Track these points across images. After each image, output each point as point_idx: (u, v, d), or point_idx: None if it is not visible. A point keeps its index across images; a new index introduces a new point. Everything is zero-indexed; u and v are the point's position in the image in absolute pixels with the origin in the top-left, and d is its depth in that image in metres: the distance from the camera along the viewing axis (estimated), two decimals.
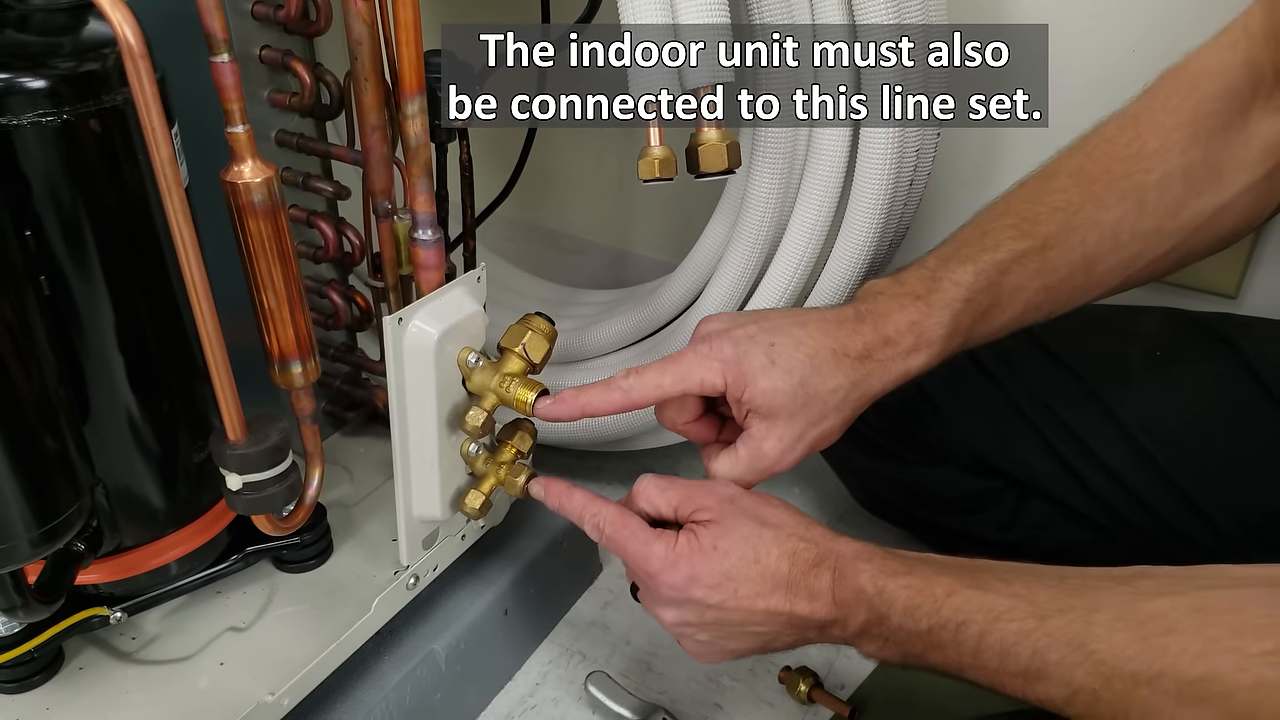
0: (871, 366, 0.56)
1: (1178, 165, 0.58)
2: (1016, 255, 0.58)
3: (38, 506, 0.49)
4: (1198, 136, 0.58)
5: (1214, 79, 0.58)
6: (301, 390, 0.57)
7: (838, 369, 0.56)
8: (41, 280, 0.49)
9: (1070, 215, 0.58)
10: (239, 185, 0.49)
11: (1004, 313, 0.59)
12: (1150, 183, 0.58)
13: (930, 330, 0.56)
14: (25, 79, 0.46)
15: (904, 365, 0.57)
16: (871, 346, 0.56)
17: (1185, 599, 0.42)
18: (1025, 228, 0.58)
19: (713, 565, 0.52)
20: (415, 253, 0.58)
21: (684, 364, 0.56)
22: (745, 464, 0.56)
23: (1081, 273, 0.59)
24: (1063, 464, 0.69)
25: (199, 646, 0.62)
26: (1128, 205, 0.58)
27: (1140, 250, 0.59)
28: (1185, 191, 0.58)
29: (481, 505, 0.63)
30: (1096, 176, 0.59)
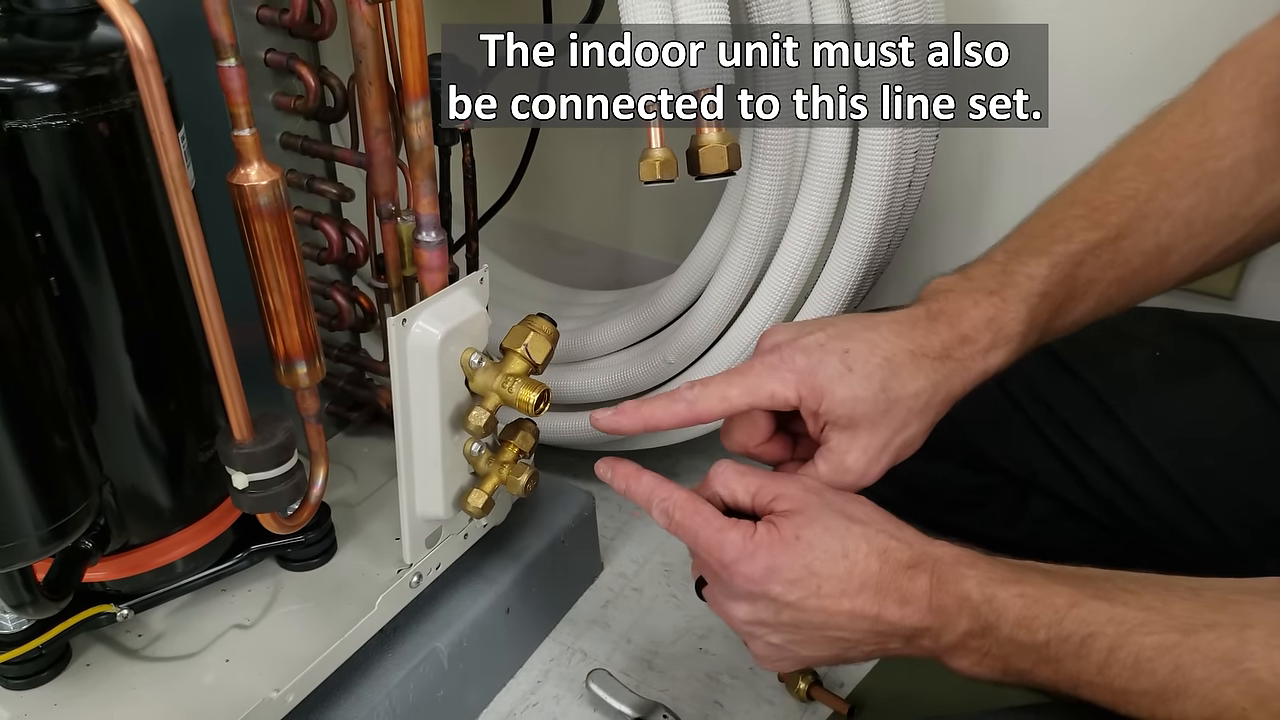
0: (952, 366, 0.54)
1: (1250, 151, 0.56)
2: (1090, 246, 0.56)
3: (47, 505, 0.49)
4: (1269, 120, 0.56)
5: (1278, 59, 0.57)
6: (306, 390, 0.57)
7: (918, 371, 0.53)
8: (51, 281, 0.49)
9: (1142, 204, 0.56)
10: (245, 188, 0.50)
11: (1079, 306, 0.57)
12: (1223, 169, 0.56)
13: (1008, 326, 0.54)
14: (35, 83, 0.47)
15: (984, 363, 0.54)
16: (949, 346, 0.54)
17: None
18: (1096, 218, 0.57)
19: (795, 558, 0.48)
20: (419, 254, 0.59)
21: (752, 375, 0.53)
22: (826, 480, 0.53)
23: (1156, 263, 0.57)
24: (1063, 462, 0.70)
25: (205, 643, 0.62)
26: (1201, 193, 0.56)
27: (1213, 239, 0.58)
28: (1259, 178, 0.56)
29: (484, 504, 0.63)
30: (1166, 164, 0.57)
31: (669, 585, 0.84)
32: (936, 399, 0.54)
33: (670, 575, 0.85)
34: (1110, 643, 0.43)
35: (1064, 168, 0.75)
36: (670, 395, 0.54)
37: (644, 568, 0.86)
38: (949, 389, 0.54)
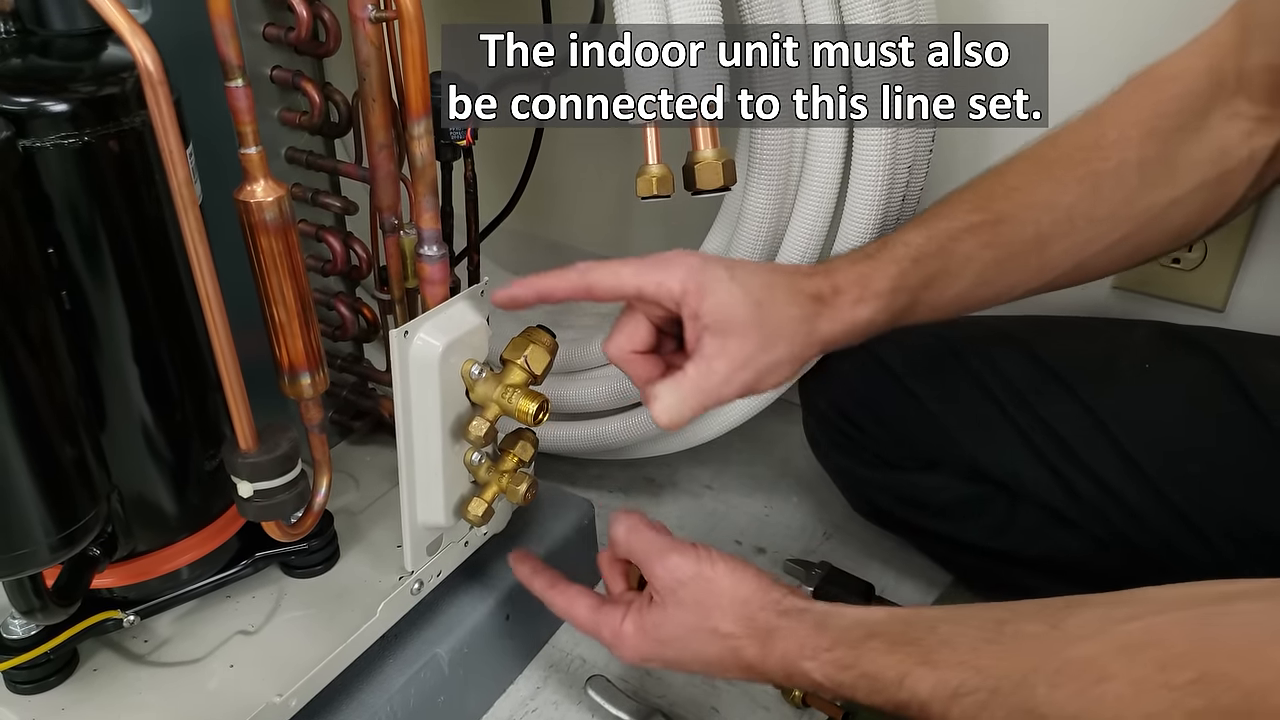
0: (822, 308, 0.57)
1: (1134, 157, 0.59)
2: (969, 225, 0.59)
3: (57, 513, 0.50)
4: (1155, 132, 0.60)
5: (1177, 81, 0.60)
6: (310, 401, 0.58)
7: (793, 300, 0.56)
8: (63, 296, 0.50)
9: (1026, 194, 0.60)
10: (251, 204, 0.51)
11: (955, 281, 0.60)
12: (1106, 170, 0.60)
13: (876, 282, 0.58)
14: (48, 102, 0.48)
15: (851, 314, 0.57)
16: (823, 291, 0.57)
17: (1110, 638, 0.43)
18: (980, 202, 0.60)
19: (657, 651, 0.58)
20: (421, 268, 0.60)
21: (646, 263, 0.56)
22: (691, 383, 0.55)
23: (1035, 252, 0.60)
24: (1052, 472, 0.71)
25: (209, 649, 0.63)
26: (1083, 190, 0.60)
27: (1093, 236, 0.61)
28: (1140, 183, 0.60)
29: (484, 513, 0.64)
30: (1055, 161, 0.61)
31: None
32: (805, 330, 0.57)
33: None
34: (942, 708, 0.47)
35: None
36: (565, 267, 0.57)
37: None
38: (817, 326, 0.57)
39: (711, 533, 0.91)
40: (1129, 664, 0.42)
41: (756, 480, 0.98)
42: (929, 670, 0.48)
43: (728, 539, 0.91)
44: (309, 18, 0.63)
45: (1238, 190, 0.61)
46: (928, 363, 0.75)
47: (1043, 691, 0.43)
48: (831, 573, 0.83)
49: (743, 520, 0.93)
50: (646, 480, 0.98)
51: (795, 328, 0.56)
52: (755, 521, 0.93)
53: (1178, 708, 0.39)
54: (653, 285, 0.55)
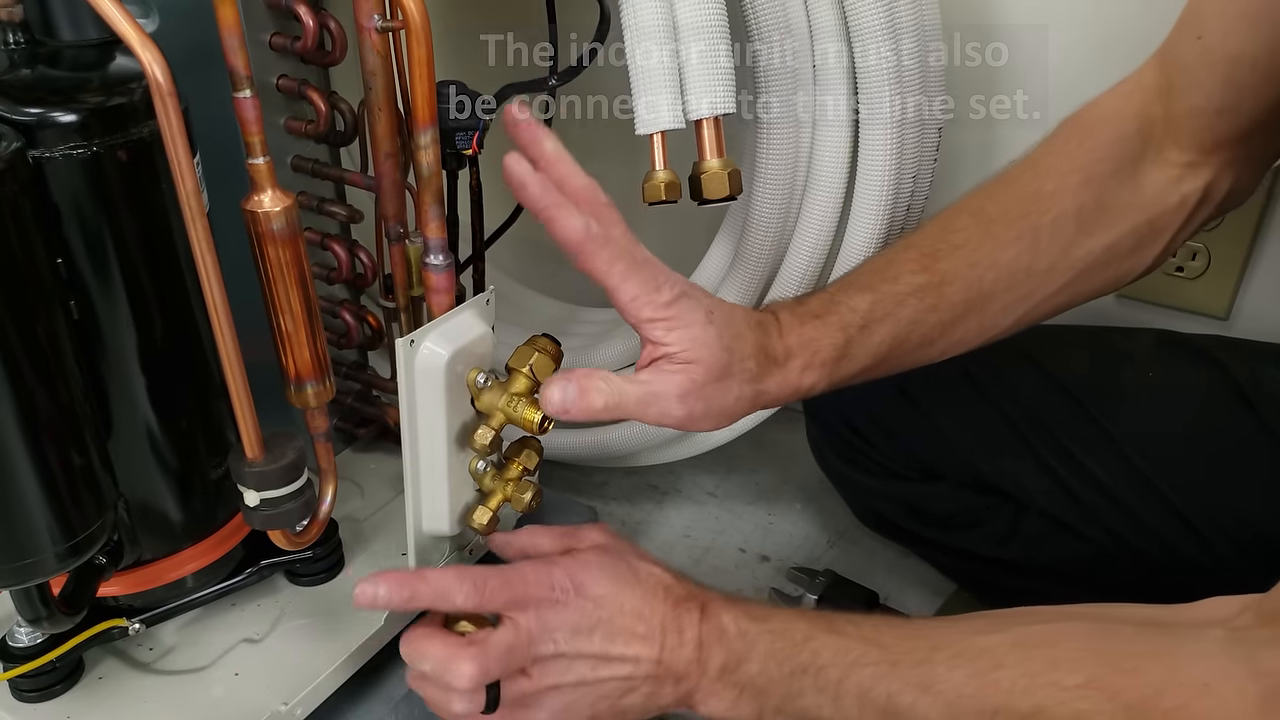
0: (774, 370, 0.57)
1: (1071, 206, 0.60)
2: (914, 288, 0.59)
3: (64, 522, 0.50)
4: (1090, 180, 0.60)
5: (1108, 126, 0.61)
6: (316, 409, 0.58)
7: (753, 355, 0.56)
8: (71, 305, 0.50)
9: (970, 253, 0.60)
10: (259, 214, 0.51)
11: (899, 346, 0.60)
12: (1045, 224, 0.60)
13: (823, 351, 0.57)
14: (57, 113, 0.48)
15: (797, 379, 0.57)
16: (777, 353, 0.57)
17: (1009, 634, 0.45)
18: (926, 263, 0.60)
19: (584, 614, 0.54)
20: (427, 277, 0.60)
21: (638, 251, 0.55)
22: (645, 388, 0.54)
23: (977, 311, 0.61)
24: (1057, 481, 0.71)
25: (214, 657, 0.63)
26: (1024, 245, 0.60)
27: (1033, 289, 0.61)
28: (1077, 231, 0.60)
29: (489, 521, 0.64)
30: (995, 216, 0.61)
31: None
32: (753, 388, 0.56)
33: None
34: (839, 674, 0.48)
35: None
36: (578, 210, 0.54)
37: None
38: (764, 388, 0.57)
39: (716, 540, 0.91)
40: (1024, 658, 0.44)
41: (760, 488, 0.98)
42: (834, 637, 0.49)
43: (732, 546, 0.91)
44: (315, 27, 0.64)
45: (1168, 233, 0.62)
46: (931, 374, 0.75)
47: (941, 670, 0.45)
48: (836, 581, 0.83)
49: (747, 528, 0.93)
50: (650, 487, 0.98)
51: (747, 381, 0.56)
52: (759, 529, 0.93)
53: (1064, 706, 0.41)
54: (627, 298, 0.54)
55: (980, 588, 0.83)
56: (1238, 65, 0.56)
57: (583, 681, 0.53)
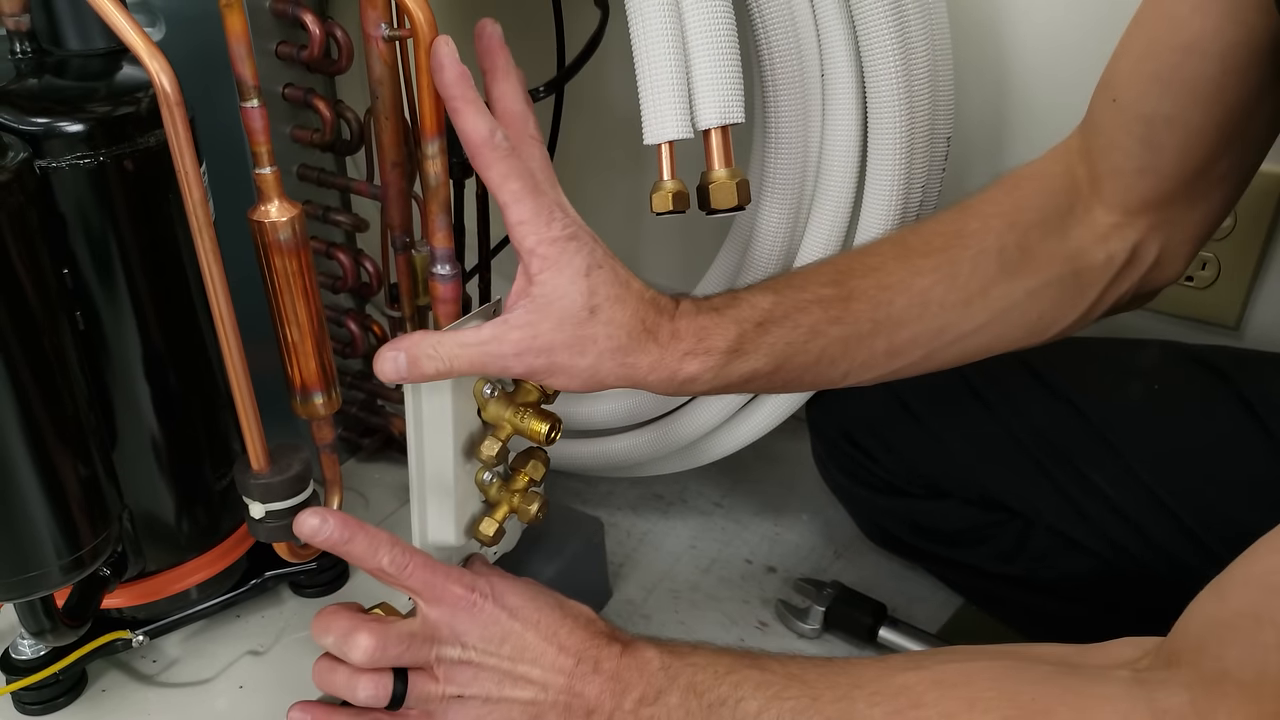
0: (650, 345, 0.54)
1: (993, 245, 0.60)
2: (820, 298, 0.58)
3: (69, 534, 0.50)
4: (1015, 225, 0.61)
5: (1036, 181, 0.63)
6: (323, 420, 0.58)
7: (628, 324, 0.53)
8: (76, 315, 0.50)
9: (882, 275, 0.59)
10: (266, 224, 0.51)
11: (798, 355, 0.57)
12: (965, 258, 0.60)
13: (713, 340, 0.55)
14: (64, 123, 0.48)
15: (676, 365, 0.54)
16: (660, 331, 0.54)
17: (928, 672, 0.46)
18: (837, 277, 0.59)
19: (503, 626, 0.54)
20: (433, 287, 0.60)
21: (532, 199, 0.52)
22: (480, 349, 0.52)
23: (884, 335, 0.59)
24: (1063, 496, 0.70)
25: (218, 669, 0.63)
26: (940, 275, 0.60)
27: (946, 324, 0.60)
28: (998, 271, 0.60)
29: (495, 532, 0.64)
30: (915, 246, 0.61)
31: (677, 612, 0.84)
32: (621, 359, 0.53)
33: (678, 601, 0.85)
34: (759, 706, 0.48)
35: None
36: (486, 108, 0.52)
37: (652, 594, 0.86)
38: (636, 361, 0.54)
39: (722, 552, 0.91)
40: (941, 696, 0.44)
41: (766, 498, 0.97)
42: (756, 671, 0.49)
43: (738, 557, 0.90)
44: (322, 36, 0.63)
45: (1094, 289, 0.62)
46: (935, 388, 0.75)
47: (861, 707, 0.46)
48: (843, 593, 0.82)
49: (753, 539, 0.92)
50: (655, 497, 0.97)
51: (610, 349, 0.53)
52: (765, 540, 0.92)
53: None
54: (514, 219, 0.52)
55: (987, 602, 0.82)
56: (1153, 125, 0.57)
57: (488, 698, 0.53)
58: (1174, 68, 0.55)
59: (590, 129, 1.01)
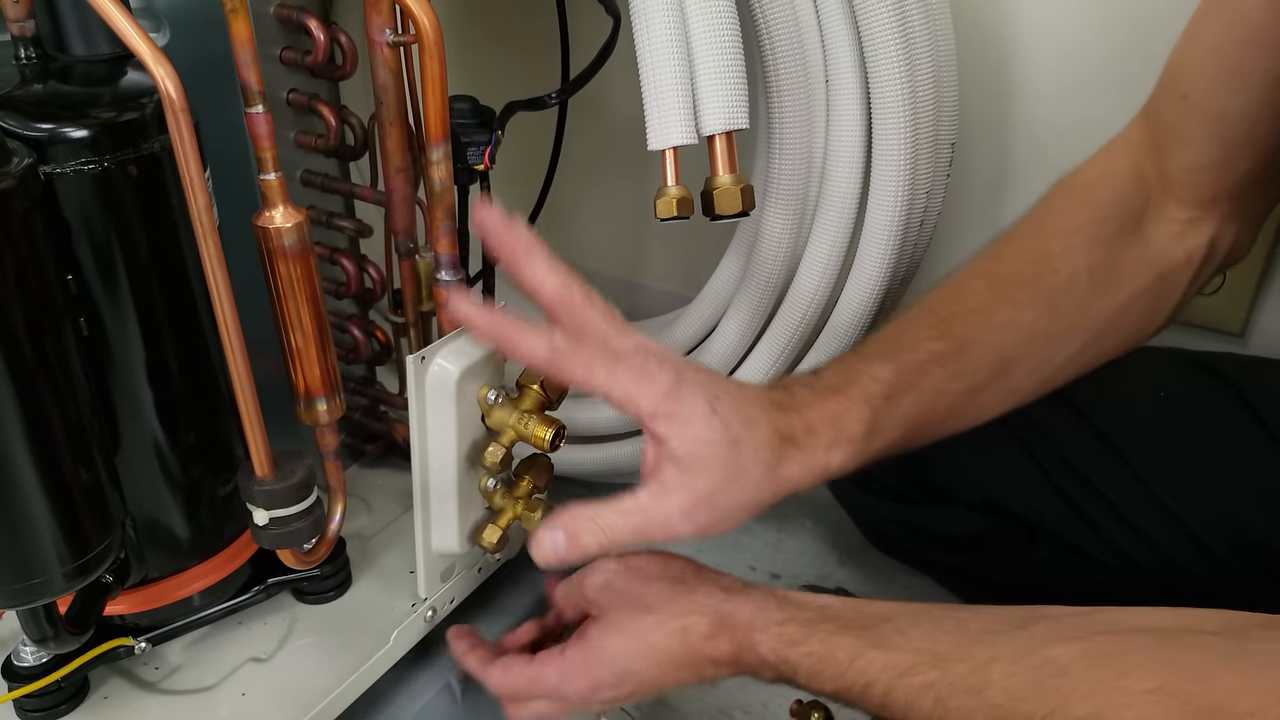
0: (793, 452, 0.52)
1: (1082, 265, 0.59)
2: (935, 355, 0.56)
3: (72, 541, 0.50)
4: (1098, 240, 0.59)
5: (1105, 185, 0.60)
6: (326, 427, 0.58)
7: (768, 441, 0.51)
8: (81, 322, 0.50)
9: (986, 317, 0.58)
10: (270, 230, 0.51)
11: (927, 417, 0.57)
12: (1059, 284, 0.59)
13: (850, 425, 0.53)
14: (68, 129, 0.48)
15: (824, 459, 0.53)
16: (796, 432, 0.52)
17: (1078, 645, 0.43)
18: (942, 328, 0.58)
19: (608, 668, 0.52)
20: (438, 293, 0.60)
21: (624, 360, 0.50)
22: (638, 509, 0.51)
23: (1003, 377, 0.59)
24: (1069, 504, 0.70)
25: (221, 676, 0.63)
26: (1040, 307, 0.59)
27: (1053, 352, 0.60)
28: (1090, 291, 0.59)
29: (499, 540, 0.64)
30: (1007, 279, 0.59)
31: None
32: (771, 477, 0.52)
33: None
34: (885, 688, 0.47)
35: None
36: (537, 328, 0.52)
37: None
38: (783, 474, 0.52)
39: (725, 558, 0.91)
40: (1090, 666, 0.42)
41: None
42: (881, 653, 0.47)
43: (741, 564, 0.90)
44: (326, 41, 0.63)
45: (1179, 289, 0.61)
46: None
47: (996, 675, 0.44)
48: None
49: (756, 545, 0.92)
50: None
51: (763, 473, 0.51)
52: (769, 547, 0.92)
53: (1131, 709, 0.40)
54: (620, 397, 0.50)
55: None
56: (1225, 121, 0.56)
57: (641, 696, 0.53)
58: (1242, 61, 0.53)
59: (593, 133, 1.01)
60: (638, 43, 0.59)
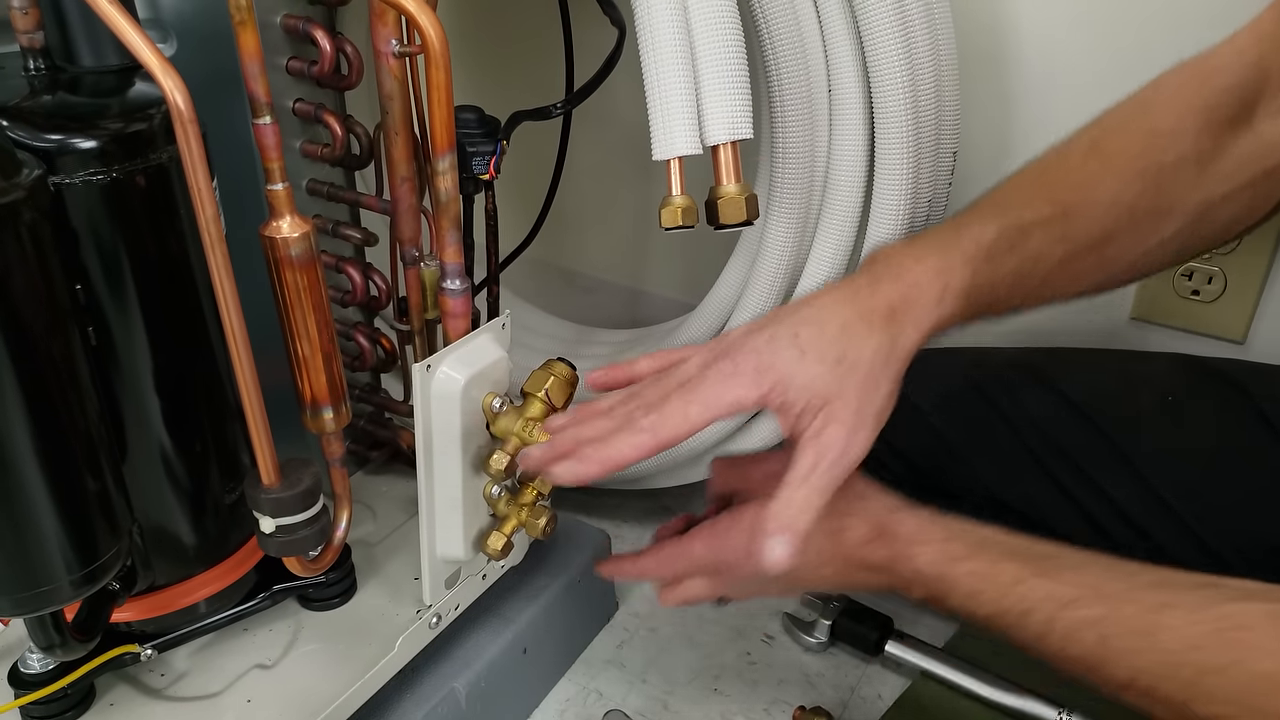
0: (901, 321, 0.53)
1: (1191, 149, 0.58)
2: (1041, 218, 0.56)
3: (80, 550, 0.50)
4: (1210, 125, 0.58)
5: (1224, 74, 0.59)
6: (332, 435, 0.58)
7: (870, 332, 0.52)
8: (89, 332, 0.50)
9: (1093, 189, 0.58)
10: (278, 240, 0.51)
11: (1024, 280, 0.56)
12: (1167, 163, 0.58)
13: (954, 281, 0.53)
14: (77, 140, 0.48)
15: (936, 313, 0.53)
16: (895, 304, 0.53)
17: (1261, 605, 0.43)
18: (1047, 194, 0.57)
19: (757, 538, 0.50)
20: (443, 301, 0.60)
21: (708, 387, 0.52)
22: (809, 464, 0.51)
23: (1097, 249, 0.58)
24: (1075, 505, 0.70)
25: (227, 683, 0.63)
26: (1146, 183, 0.58)
27: (1148, 232, 0.59)
28: (1198, 174, 0.58)
29: (504, 546, 0.64)
30: (1114, 153, 0.59)
31: (684, 625, 0.84)
32: (895, 355, 0.53)
33: (684, 615, 0.85)
34: (1045, 617, 0.46)
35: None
36: (629, 428, 0.52)
37: (658, 607, 0.86)
38: (905, 341, 0.53)
39: None
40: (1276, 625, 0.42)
41: None
42: (1045, 581, 0.46)
43: None
44: (333, 52, 0.64)
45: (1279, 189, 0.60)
46: (950, 397, 0.75)
47: (1172, 621, 0.43)
48: (850, 606, 0.82)
49: None
50: (664, 510, 0.97)
51: (886, 355, 0.52)
52: None
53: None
54: (728, 409, 0.52)
55: None
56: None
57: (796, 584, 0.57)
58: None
59: (595, 141, 1.01)
60: (643, 54, 0.59)
